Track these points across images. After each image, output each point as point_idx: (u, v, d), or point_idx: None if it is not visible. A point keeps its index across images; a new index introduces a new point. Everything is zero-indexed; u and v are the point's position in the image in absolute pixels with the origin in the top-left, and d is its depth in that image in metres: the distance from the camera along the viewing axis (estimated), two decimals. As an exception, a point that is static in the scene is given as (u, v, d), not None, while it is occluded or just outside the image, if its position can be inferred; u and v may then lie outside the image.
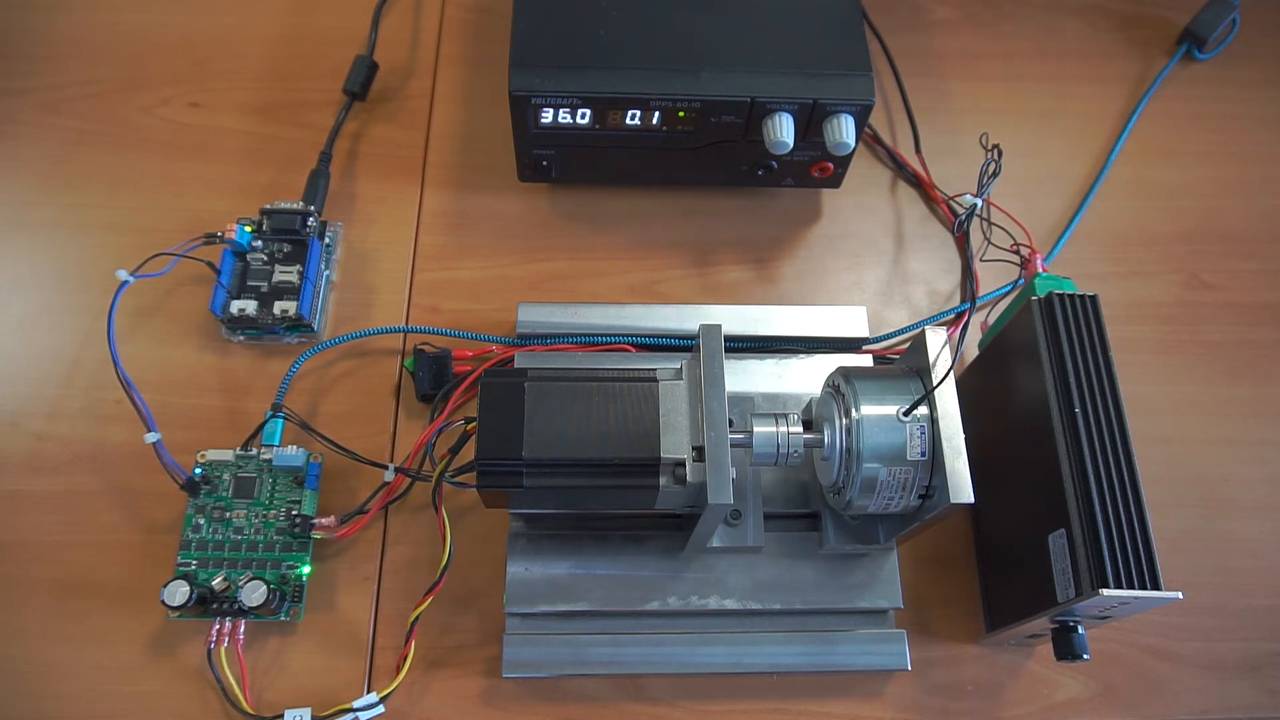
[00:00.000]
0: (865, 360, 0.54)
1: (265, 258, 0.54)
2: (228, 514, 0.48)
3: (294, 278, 0.53)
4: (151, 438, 0.47)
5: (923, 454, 0.41)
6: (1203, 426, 0.55)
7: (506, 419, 0.39)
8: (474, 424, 0.40)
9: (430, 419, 0.52)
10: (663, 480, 0.39)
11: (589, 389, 0.40)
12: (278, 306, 0.52)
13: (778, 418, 0.42)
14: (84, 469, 0.50)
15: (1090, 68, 0.67)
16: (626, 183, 0.60)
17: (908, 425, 0.41)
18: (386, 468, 0.49)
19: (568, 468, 0.39)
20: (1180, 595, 0.38)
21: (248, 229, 0.54)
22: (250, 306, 0.52)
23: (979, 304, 0.58)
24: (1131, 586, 0.38)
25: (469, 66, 0.64)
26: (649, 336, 0.53)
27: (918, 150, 0.62)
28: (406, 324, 0.55)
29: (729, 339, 0.49)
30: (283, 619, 0.47)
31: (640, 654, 0.46)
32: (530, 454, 0.39)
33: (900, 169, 0.62)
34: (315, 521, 0.48)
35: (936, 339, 0.43)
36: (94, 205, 0.58)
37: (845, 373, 0.43)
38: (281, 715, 0.44)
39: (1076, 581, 0.40)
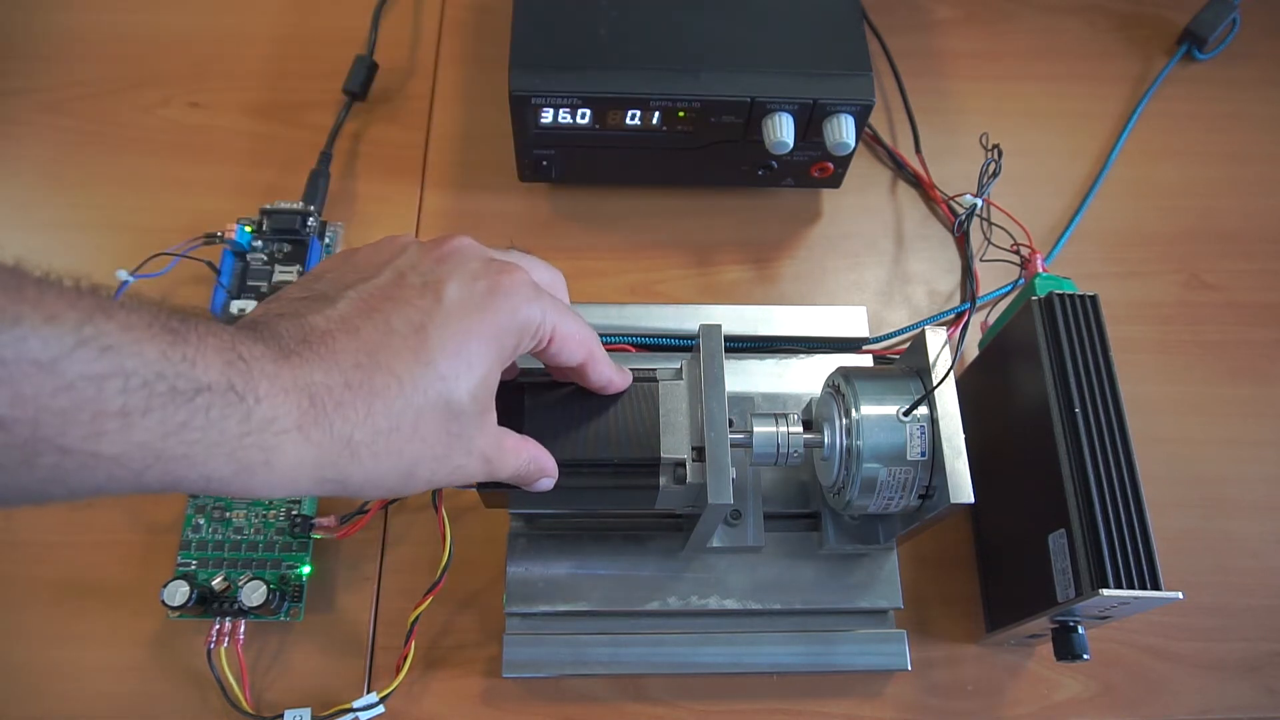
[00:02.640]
0: (865, 360, 0.54)
1: (265, 258, 0.54)
2: (228, 514, 0.48)
3: (294, 278, 0.53)
4: (151, 438, 0.47)
5: (923, 454, 0.41)
6: (1203, 426, 0.55)
7: (506, 420, 0.39)
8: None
9: (430, 419, 0.52)
10: (663, 480, 0.39)
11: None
12: (278, 306, 0.52)
13: (778, 418, 0.42)
14: (84, 469, 0.50)
15: (1090, 68, 0.66)
16: (626, 183, 0.60)
17: (908, 425, 0.41)
18: (386, 468, 0.49)
19: (568, 468, 0.39)
20: (1180, 595, 0.38)
21: (248, 229, 0.54)
22: (250, 306, 0.52)
23: (979, 304, 0.58)
24: (1131, 586, 0.38)
25: (469, 66, 0.64)
26: (649, 336, 0.53)
27: (918, 150, 0.62)
28: (406, 324, 0.55)
29: (729, 339, 0.49)
30: (283, 619, 0.47)
31: (640, 654, 0.46)
32: (530, 454, 0.38)
33: (900, 169, 0.62)
34: (315, 521, 0.48)
35: (936, 339, 0.43)
36: (94, 205, 0.58)
37: (845, 373, 0.43)
38: (281, 715, 0.44)
39: (1076, 581, 0.40)
